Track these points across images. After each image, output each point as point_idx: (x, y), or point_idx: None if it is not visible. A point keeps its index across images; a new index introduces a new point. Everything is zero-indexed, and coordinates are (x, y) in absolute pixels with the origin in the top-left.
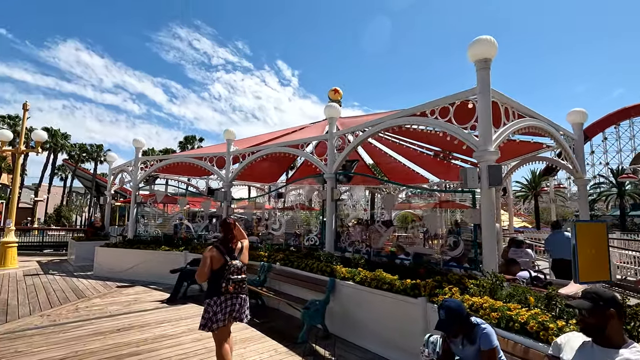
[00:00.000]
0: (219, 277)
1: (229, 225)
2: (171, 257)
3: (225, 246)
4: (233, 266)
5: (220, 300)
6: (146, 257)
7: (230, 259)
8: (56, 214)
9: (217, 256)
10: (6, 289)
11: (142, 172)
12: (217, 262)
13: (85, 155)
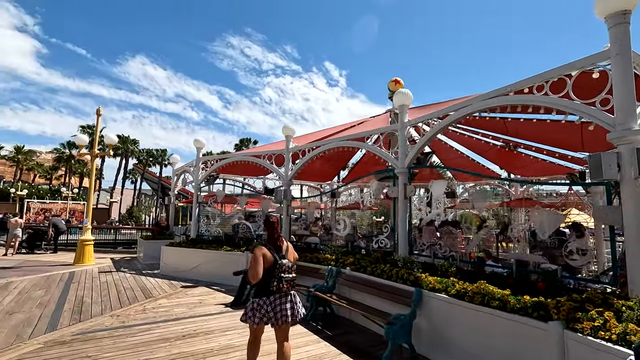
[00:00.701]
0: (270, 277)
1: (274, 223)
2: (233, 257)
3: (274, 245)
4: (284, 265)
5: (270, 300)
6: (208, 257)
7: (279, 257)
8: (128, 214)
9: (268, 255)
10: (82, 286)
11: (203, 172)
12: (267, 261)
13: (152, 160)
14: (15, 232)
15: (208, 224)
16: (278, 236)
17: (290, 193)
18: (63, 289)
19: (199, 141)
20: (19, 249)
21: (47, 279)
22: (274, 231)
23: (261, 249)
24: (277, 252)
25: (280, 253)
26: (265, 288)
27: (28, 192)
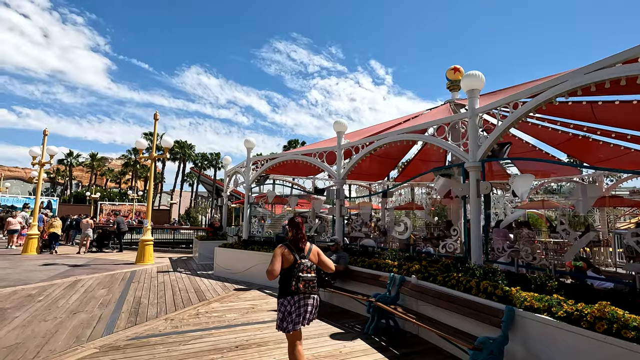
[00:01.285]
0: (289, 276)
1: (298, 224)
2: None
3: (295, 245)
4: (303, 264)
5: (294, 300)
6: (260, 259)
7: (300, 257)
8: (186, 214)
9: (287, 254)
10: (141, 286)
11: (254, 172)
12: (288, 261)
13: (207, 163)
14: (87, 231)
15: (260, 225)
16: (302, 237)
17: (343, 192)
18: (123, 289)
19: (249, 141)
20: (90, 247)
21: (110, 278)
22: (299, 231)
23: (281, 247)
24: (298, 252)
25: (301, 253)
26: (286, 288)
27: (101, 195)
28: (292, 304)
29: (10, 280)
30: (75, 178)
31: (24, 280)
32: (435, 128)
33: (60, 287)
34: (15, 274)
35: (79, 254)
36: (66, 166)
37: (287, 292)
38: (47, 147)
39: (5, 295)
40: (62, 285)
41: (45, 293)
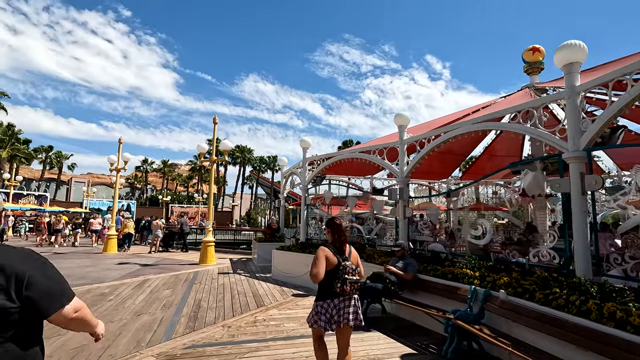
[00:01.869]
0: (332, 278)
1: (339, 225)
2: None
3: (337, 247)
4: (348, 267)
5: (335, 302)
6: None
7: (343, 260)
8: (246, 216)
9: (331, 256)
10: (202, 288)
11: (310, 173)
12: (330, 263)
13: (264, 166)
14: (157, 232)
15: (317, 226)
16: (345, 239)
17: (407, 192)
18: (186, 290)
19: (305, 141)
20: (158, 247)
21: (175, 279)
22: (341, 233)
23: (324, 249)
24: (341, 254)
25: (343, 255)
26: (328, 290)
27: (171, 198)
28: (332, 306)
29: (88, 279)
30: (150, 183)
31: (100, 279)
32: (519, 113)
33: (130, 287)
34: (94, 272)
35: (149, 253)
36: (142, 172)
37: (329, 294)
38: (122, 154)
39: (81, 294)
40: (132, 285)
41: (116, 292)
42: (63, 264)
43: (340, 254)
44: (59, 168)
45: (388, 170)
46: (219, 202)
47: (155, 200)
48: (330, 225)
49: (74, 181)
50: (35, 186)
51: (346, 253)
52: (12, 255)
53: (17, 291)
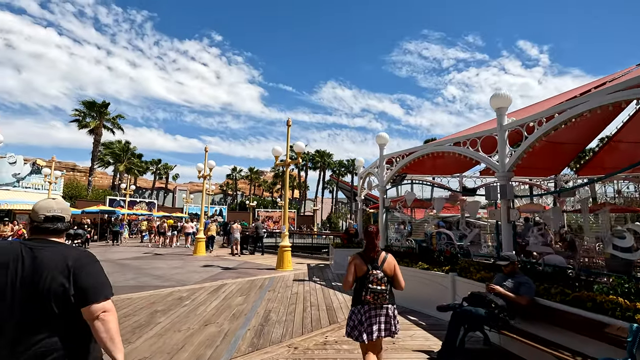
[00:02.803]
0: (361, 286)
1: (370, 233)
2: (434, 279)
3: (367, 254)
4: (373, 275)
5: (365, 309)
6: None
7: (371, 268)
8: (327, 220)
9: (360, 264)
10: (275, 296)
11: (388, 172)
12: (360, 270)
13: (344, 170)
14: (236, 235)
15: (398, 231)
16: (372, 246)
17: (511, 189)
18: (258, 298)
19: (381, 137)
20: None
21: (250, 284)
22: (370, 241)
23: (353, 257)
24: (371, 262)
25: (374, 263)
26: (358, 297)
27: (257, 203)
28: (362, 313)
29: (173, 281)
30: (239, 189)
31: (183, 281)
32: None
33: (206, 292)
34: (180, 274)
35: (232, 255)
36: (232, 180)
37: (359, 301)
38: (208, 162)
39: (163, 296)
40: (209, 289)
41: (193, 297)
42: (157, 265)
43: (371, 262)
44: (165, 178)
45: (480, 167)
46: (300, 206)
47: (244, 205)
48: (364, 233)
49: (177, 189)
50: (148, 194)
51: (379, 261)
52: (73, 254)
53: (72, 280)
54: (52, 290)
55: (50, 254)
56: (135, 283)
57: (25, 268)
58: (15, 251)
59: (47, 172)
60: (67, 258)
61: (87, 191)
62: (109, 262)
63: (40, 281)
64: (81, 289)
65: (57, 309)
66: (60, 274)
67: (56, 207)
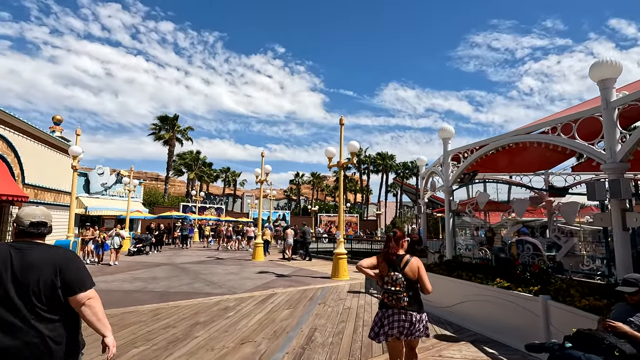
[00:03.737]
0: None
1: (389, 237)
2: (517, 302)
3: (388, 256)
4: (389, 277)
5: (385, 313)
6: (473, 292)
7: (391, 270)
8: (392, 225)
9: (382, 264)
10: (324, 311)
11: (454, 170)
12: (382, 270)
13: (408, 172)
14: (289, 240)
15: (468, 240)
16: (390, 249)
17: (628, 186)
18: (305, 312)
19: (445, 130)
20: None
21: (300, 295)
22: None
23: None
24: (391, 265)
25: (394, 265)
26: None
27: (319, 207)
28: (384, 317)
29: (225, 288)
30: (303, 195)
31: (234, 289)
32: None
33: (254, 302)
34: (233, 281)
35: (288, 260)
36: (296, 185)
37: (381, 303)
38: (265, 167)
39: (209, 306)
40: (257, 299)
41: (239, 307)
42: (215, 270)
43: (391, 265)
44: (234, 185)
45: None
46: (363, 210)
47: (307, 210)
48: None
49: (245, 195)
50: (219, 200)
51: (401, 263)
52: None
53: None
54: (42, 284)
55: (38, 253)
56: (188, 289)
57: (14, 266)
58: (4, 252)
59: (126, 181)
60: (54, 257)
61: (164, 198)
62: (172, 266)
63: (31, 277)
64: (68, 281)
65: (46, 300)
66: (49, 271)
67: (40, 214)
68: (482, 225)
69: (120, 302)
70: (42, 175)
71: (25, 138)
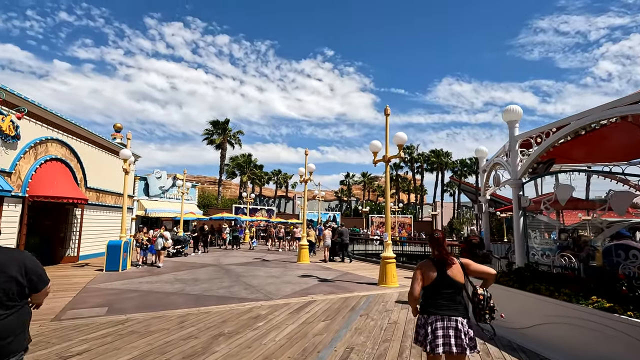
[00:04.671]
0: (431, 294)
1: (436, 239)
2: (625, 330)
3: (437, 261)
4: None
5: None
6: (555, 313)
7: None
8: (449, 226)
9: (428, 271)
10: (365, 325)
11: (524, 158)
12: (428, 278)
13: (466, 170)
14: (326, 241)
15: (546, 243)
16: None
17: None
18: (343, 326)
19: (511, 111)
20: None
21: (341, 304)
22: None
23: (421, 264)
24: (441, 267)
25: (442, 269)
26: (425, 305)
27: (370, 208)
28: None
29: (262, 292)
30: (354, 195)
31: (271, 294)
32: None
33: (289, 310)
34: (272, 285)
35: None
36: (346, 186)
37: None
38: (308, 165)
39: (239, 314)
40: (292, 307)
41: (270, 317)
42: (257, 273)
43: (441, 268)
44: (285, 187)
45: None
46: (417, 211)
47: (357, 211)
48: (431, 240)
49: (296, 197)
50: (271, 202)
51: (448, 269)
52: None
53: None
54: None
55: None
56: (224, 293)
57: None
58: None
59: (179, 183)
60: (19, 259)
61: (217, 200)
62: (216, 268)
63: None
64: (32, 280)
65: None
66: (15, 271)
67: None
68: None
69: (155, 305)
70: (103, 179)
71: (87, 144)
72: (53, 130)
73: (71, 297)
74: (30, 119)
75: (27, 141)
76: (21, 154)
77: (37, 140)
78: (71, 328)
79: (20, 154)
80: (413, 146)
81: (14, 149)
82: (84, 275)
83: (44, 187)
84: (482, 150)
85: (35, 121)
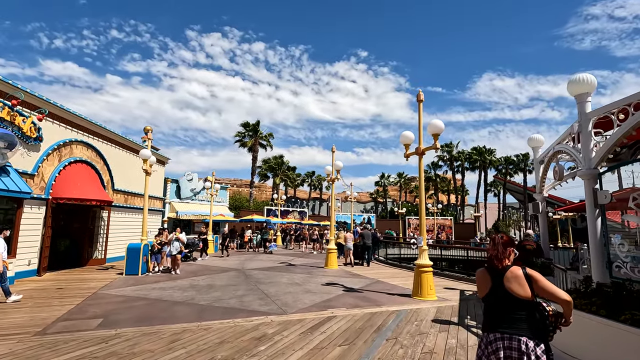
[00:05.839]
0: (486, 307)
1: (493, 239)
2: None
3: (490, 266)
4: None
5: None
6: None
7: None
8: (494, 228)
9: (483, 280)
10: (393, 355)
11: (601, 141)
12: (483, 288)
13: (512, 168)
14: (348, 244)
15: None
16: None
17: None
18: (364, 354)
19: (580, 81)
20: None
21: (366, 322)
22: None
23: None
24: (495, 274)
25: (497, 278)
26: (484, 321)
27: (407, 210)
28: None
29: (276, 304)
30: (390, 197)
31: (286, 307)
32: None
33: (300, 329)
34: (291, 294)
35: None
36: (381, 187)
37: (484, 326)
38: (335, 163)
39: (242, 332)
40: (306, 326)
41: (277, 337)
42: (278, 279)
43: (495, 275)
44: (319, 189)
45: None
46: (459, 213)
47: (393, 213)
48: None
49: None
50: (305, 204)
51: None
52: None
53: None
54: None
55: None
56: (235, 304)
57: None
58: None
59: (208, 185)
60: None
61: (249, 202)
62: (237, 273)
63: None
64: None
65: None
66: None
67: None
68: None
69: (154, 317)
70: (131, 182)
71: (114, 146)
72: (78, 132)
73: (74, 305)
74: (54, 120)
75: (50, 143)
76: (44, 155)
77: (61, 142)
78: (48, 346)
79: (43, 156)
80: (452, 144)
81: (37, 150)
82: (102, 279)
83: (68, 189)
84: (537, 138)
85: (59, 123)
